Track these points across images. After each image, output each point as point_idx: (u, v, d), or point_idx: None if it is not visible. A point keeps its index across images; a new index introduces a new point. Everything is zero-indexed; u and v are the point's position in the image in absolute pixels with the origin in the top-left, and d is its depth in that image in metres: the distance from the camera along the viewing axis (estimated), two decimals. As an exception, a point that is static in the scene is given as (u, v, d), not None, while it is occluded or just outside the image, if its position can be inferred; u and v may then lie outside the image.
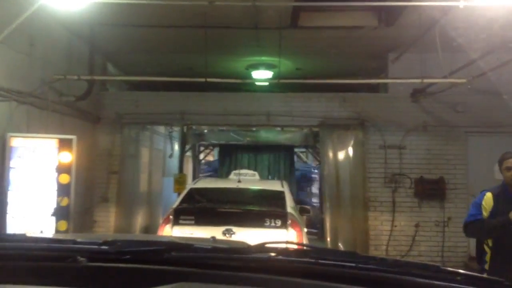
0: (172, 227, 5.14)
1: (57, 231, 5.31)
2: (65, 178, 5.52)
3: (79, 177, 7.45)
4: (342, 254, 1.56)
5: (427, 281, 1.15)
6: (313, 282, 1.09)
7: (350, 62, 8.82)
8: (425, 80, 6.48)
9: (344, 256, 1.39)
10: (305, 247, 1.64)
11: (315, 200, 12.82)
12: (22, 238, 1.39)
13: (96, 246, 1.25)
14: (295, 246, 1.66)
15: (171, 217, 5.25)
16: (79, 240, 1.35)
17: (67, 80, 6.71)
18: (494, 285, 1.22)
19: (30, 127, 6.00)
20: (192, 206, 5.60)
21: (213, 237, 1.71)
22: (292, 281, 1.09)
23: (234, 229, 5.01)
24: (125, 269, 1.12)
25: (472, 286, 1.15)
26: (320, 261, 1.22)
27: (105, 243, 1.26)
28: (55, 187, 5.52)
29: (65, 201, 5.48)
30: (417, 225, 7.97)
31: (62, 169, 5.54)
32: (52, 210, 5.23)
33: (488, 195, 3.63)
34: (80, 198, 7.84)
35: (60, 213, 5.47)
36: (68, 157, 5.54)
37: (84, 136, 7.86)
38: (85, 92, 6.95)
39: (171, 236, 4.72)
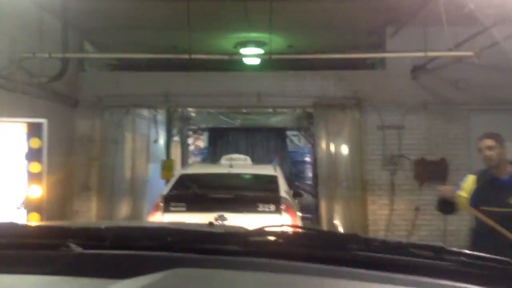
0: (162, 214, 5.01)
1: (28, 224, 4.79)
2: (35, 167, 4.98)
3: (56, 165, 6.92)
4: (343, 236, 1.55)
5: (431, 261, 1.13)
6: (316, 266, 1.06)
7: (345, 38, 8.30)
8: (429, 54, 5.99)
9: (346, 239, 1.35)
10: (305, 230, 1.57)
11: (308, 184, 12.49)
12: (12, 226, 1.33)
13: (90, 233, 1.24)
14: (295, 229, 1.64)
15: (161, 204, 5.11)
16: (72, 227, 1.33)
17: (38, 59, 6.12)
18: (500, 265, 1.14)
19: (-3, 111, 5.43)
20: (183, 192, 5.41)
21: (211, 222, 1.65)
22: (293, 265, 1.06)
23: (227, 215, 4.86)
24: (120, 256, 1.09)
25: (476, 266, 1.12)
26: (321, 244, 1.20)
27: (99, 230, 1.26)
28: (25, 176, 4.98)
29: (35, 192, 4.94)
30: (417, 209, 7.56)
31: (32, 157, 4.99)
32: (20, 202, 4.69)
33: (470, 177, 3.63)
34: (58, 188, 7.31)
35: (31, 205, 4.93)
36: (38, 143, 4.99)
37: (61, 120, 7.29)
38: (58, 73, 6.35)
39: (167, 222, 4.42)
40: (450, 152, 7.65)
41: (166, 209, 5.04)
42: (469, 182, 3.59)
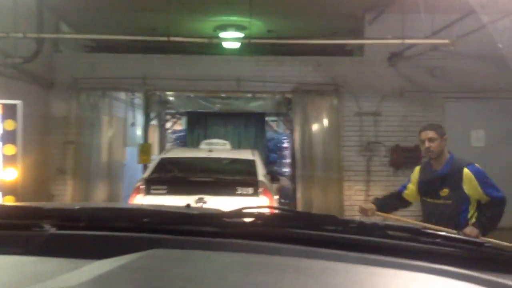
0: (144, 196, 5.10)
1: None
2: (10, 149, 4.89)
3: (30, 148, 6.79)
4: (321, 217, 1.46)
5: (407, 243, 1.14)
6: (293, 247, 1.06)
7: (324, 24, 8.30)
8: (407, 41, 6.07)
9: (323, 220, 1.33)
10: (282, 212, 1.57)
11: (285, 170, 12.56)
12: None
13: (64, 214, 1.22)
14: (272, 211, 1.61)
15: (141, 186, 5.21)
16: (46, 207, 1.28)
17: (12, 39, 5.96)
18: (476, 246, 1.16)
19: (-31, 92, 5.29)
20: (164, 175, 5.53)
21: (188, 205, 1.64)
22: (270, 246, 1.06)
23: (206, 198, 4.98)
24: (96, 236, 1.07)
25: (452, 248, 1.13)
26: (298, 225, 1.19)
27: (74, 210, 1.23)
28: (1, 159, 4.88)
29: (11, 174, 4.86)
30: (392, 195, 7.71)
31: (6, 139, 4.89)
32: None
33: (416, 168, 3.68)
34: (33, 171, 7.18)
35: (7, 188, 4.85)
36: (13, 125, 4.89)
37: (35, 102, 7.15)
38: (33, 53, 6.20)
39: (144, 204, 4.46)
40: (425, 139, 7.80)
41: (147, 192, 5.13)
42: (415, 174, 3.65)
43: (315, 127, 7.89)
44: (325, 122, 7.80)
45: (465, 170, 3.30)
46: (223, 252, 1.03)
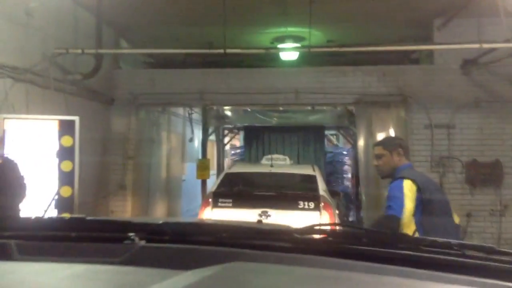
0: (212, 209, 5.36)
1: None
2: (67, 165, 4.84)
3: (91, 164, 6.82)
4: (392, 235, 1.49)
5: (482, 262, 1.11)
6: (364, 264, 1.07)
7: (389, 32, 7.81)
8: (484, 45, 5.45)
9: (395, 238, 1.36)
10: (353, 229, 1.60)
11: (346, 186, 12.03)
12: (81, 220, 1.40)
13: (150, 228, 1.30)
14: (344, 228, 1.65)
15: (209, 200, 5.47)
16: (133, 222, 1.39)
17: (72, 56, 6.02)
18: None
19: (30, 109, 5.33)
20: (230, 189, 5.79)
21: (260, 220, 1.76)
22: (342, 262, 1.09)
23: (270, 211, 5.13)
24: (180, 249, 1.16)
25: None
26: (369, 242, 1.21)
27: (159, 224, 1.31)
28: (57, 175, 4.84)
29: (67, 191, 4.80)
30: (468, 215, 7.01)
31: (63, 155, 4.85)
32: (49, 202, 4.54)
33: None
34: (94, 187, 7.23)
35: (63, 204, 4.79)
36: (70, 141, 4.84)
37: (95, 118, 7.19)
38: (92, 69, 6.23)
39: (217, 220, 4.52)
40: (505, 153, 7.06)
41: (215, 205, 5.38)
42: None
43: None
44: (392, 135, 7.25)
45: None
46: (297, 266, 1.07)
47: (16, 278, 0.99)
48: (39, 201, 4.67)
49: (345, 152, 12.99)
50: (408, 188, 2.88)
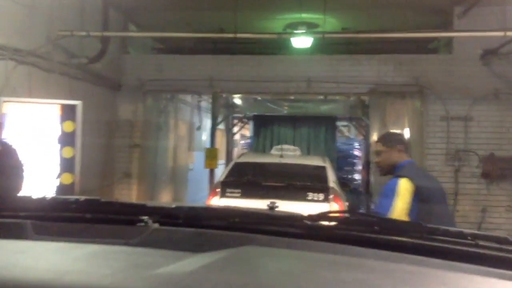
0: (219, 198, 5.30)
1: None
2: (68, 152, 4.67)
3: (95, 151, 6.68)
4: (406, 224, 1.46)
5: (496, 252, 1.10)
6: (378, 251, 1.07)
7: (406, 20, 7.48)
8: (509, 33, 5.15)
9: (408, 226, 1.37)
10: (366, 217, 1.54)
11: (356, 178, 11.80)
12: (94, 201, 1.43)
13: (163, 211, 1.33)
14: (356, 215, 1.61)
15: (218, 189, 5.43)
16: (148, 205, 1.39)
17: (78, 39, 5.84)
18: None
19: (33, 92, 5.18)
20: (238, 179, 5.70)
21: (271, 207, 1.72)
22: (356, 249, 1.08)
23: (278, 202, 4.68)
24: (193, 232, 1.17)
25: None
26: (382, 230, 1.20)
27: (171, 208, 1.35)
28: (58, 162, 4.68)
29: (68, 178, 4.64)
30: (484, 211, 6.76)
31: (65, 141, 4.69)
32: (50, 190, 4.38)
33: None
34: (98, 174, 7.09)
35: (63, 192, 4.63)
36: (72, 126, 4.67)
37: (101, 104, 7.03)
38: (98, 53, 6.04)
39: (230, 206, 4.44)
40: (525, 147, 6.78)
41: (223, 194, 5.33)
42: None
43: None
44: (407, 127, 7.00)
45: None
46: (309, 252, 1.08)
47: (31, 256, 1.01)
48: (39, 189, 4.53)
49: (356, 144, 12.75)
50: (404, 187, 2.78)
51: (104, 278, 0.85)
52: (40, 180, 4.54)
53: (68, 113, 4.72)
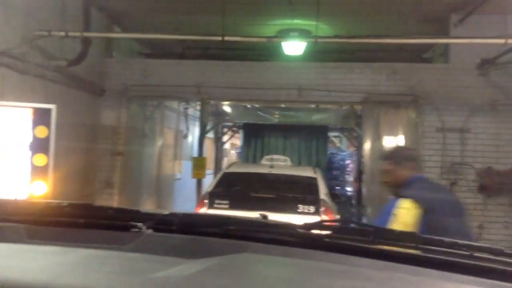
0: (207, 210, 5.21)
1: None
2: (41, 159, 4.32)
3: (75, 159, 6.34)
4: (401, 233, 1.42)
5: (489, 264, 1.10)
6: (373, 261, 1.07)
7: (401, 27, 7.28)
8: (510, 41, 4.93)
9: (403, 236, 1.34)
10: (362, 226, 1.64)
11: (348, 190, 11.57)
12: (88, 206, 1.42)
13: (157, 218, 1.32)
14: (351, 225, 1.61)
15: (205, 200, 5.34)
16: (142, 211, 1.40)
17: (57, 41, 5.51)
18: None
19: (5, 95, 4.84)
20: (227, 190, 5.62)
21: (264, 216, 1.67)
22: (348, 258, 1.09)
23: (268, 214, 4.47)
24: (187, 239, 1.18)
25: None
26: (377, 239, 1.21)
27: (166, 215, 1.35)
28: (29, 170, 4.33)
29: (40, 188, 4.29)
30: (481, 227, 6.49)
31: (37, 147, 4.34)
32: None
33: None
34: (78, 183, 6.72)
35: (35, 203, 4.28)
36: (45, 132, 4.33)
37: (83, 109, 6.71)
38: (78, 55, 5.72)
39: (224, 214, 4.22)
40: (523, 161, 6.55)
41: (211, 206, 5.23)
42: None
43: (387, 143, 6.85)
44: (401, 138, 6.75)
45: None
46: (306, 260, 1.08)
47: (25, 258, 1.01)
48: (8, 197, 4.17)
49: (348, 155, 12.53)
50: (406, 207, 2.52)
51: (98, 282, 0.85)
52: (10, 188, 4.20)
53: (41, 117, 4.37)
